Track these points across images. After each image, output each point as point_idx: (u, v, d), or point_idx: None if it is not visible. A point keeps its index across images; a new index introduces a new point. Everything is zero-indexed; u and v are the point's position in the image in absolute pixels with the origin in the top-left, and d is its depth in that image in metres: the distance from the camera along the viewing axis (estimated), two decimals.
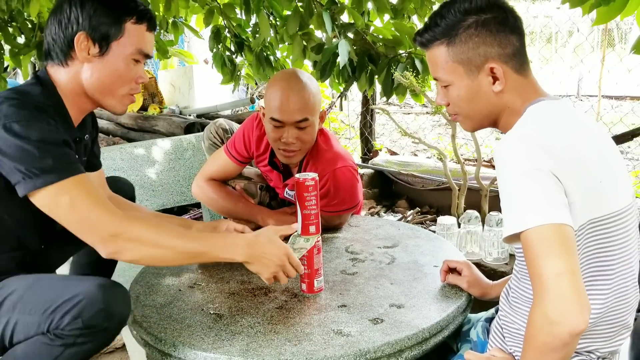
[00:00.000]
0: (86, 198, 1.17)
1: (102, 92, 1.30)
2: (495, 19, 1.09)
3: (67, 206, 1.16)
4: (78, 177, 1.18)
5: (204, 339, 1.18)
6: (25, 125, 1.13)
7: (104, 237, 1.18)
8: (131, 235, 1.18)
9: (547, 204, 0.95)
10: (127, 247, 1.19)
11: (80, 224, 1.18)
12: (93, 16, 1.24)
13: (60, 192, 1.15)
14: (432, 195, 3.49)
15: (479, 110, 1.15)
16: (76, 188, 1.17)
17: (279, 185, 1.88)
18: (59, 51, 1.27)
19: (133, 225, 1.19)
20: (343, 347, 1.13)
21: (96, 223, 1.17)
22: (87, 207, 1.17)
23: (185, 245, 1.22)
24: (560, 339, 0.90)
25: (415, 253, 1.62)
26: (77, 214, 1.17)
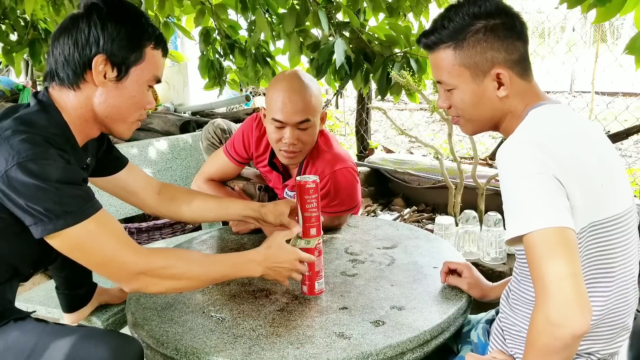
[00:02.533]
0: (109, 238, 1.14)
1: (114, 118, 1.24)
2: (504, 25, 1.09)
3: (89, 248, 1.13)
4: (97, 216, 1.13)
5: (206, 342, 1.19)
6: (41, 164, 1.07)
7: (130, 277, 1.17)
8: (155, 272, 1.18)
9: (549, 208, 0.95)
10: (152, 283, 1.19)
11: (104, 266, 1.16)
12: (115, 39, 1.17)
13: (81, 235, 1.11)
14: (428, 194, 3.50)
15: (481, 114, 1.15)
16: (97, 228, 1.13)
17: (278, 186, 1.88)
18: (70, 73, 1.18)
19: (157, 261, 1.18)
20: (345, 350, 1.14)
21: (121, 264, 1.15)
22: (111, 248, 1.14)
23: (208, 272, 1.25)
24: (562, 341, 0.91)
25: (414, 254, 1.63)
26: (101, 256, 1.14)
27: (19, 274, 1.29)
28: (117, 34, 1.17)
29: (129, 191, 1.51)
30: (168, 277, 1.20)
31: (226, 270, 1.27)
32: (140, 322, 1.29)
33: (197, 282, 1.25)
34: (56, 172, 1.08)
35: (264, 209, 1.52)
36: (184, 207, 1.56)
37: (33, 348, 1.17)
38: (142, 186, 1.52)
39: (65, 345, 1.17)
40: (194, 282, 1.25)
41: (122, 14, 1.18)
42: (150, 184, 1.55)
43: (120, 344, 1.19)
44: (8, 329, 1.21)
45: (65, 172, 1.10)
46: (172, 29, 3.13)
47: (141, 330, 1.27)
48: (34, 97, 1.21)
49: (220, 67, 3.15)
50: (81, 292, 1.64)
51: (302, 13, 2.45)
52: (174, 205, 1.55)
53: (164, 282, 1.20)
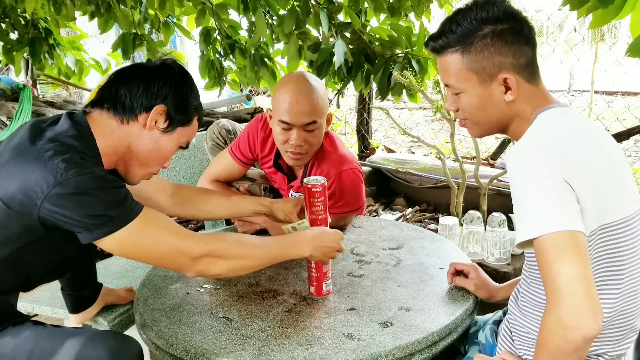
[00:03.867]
0: (164, 230, 1.22)
1: (141, 162, 1.33)
2: (511, 30, 1.09)
3: (147, 244, 1.19)
4: (144, 213, 1.20)
5: (215, 344, 1.19)
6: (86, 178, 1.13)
7: (192, 261, 1.23)
8: (216, 253, 1.24)
9: (560, 211, 0.96)
10: (213, 263, 1.24)
11: (165, 257, 1.22)
12: (179, 100, 1.30)
13: (136, 232, 1.18)
14: (429, 193, 3.51)
15: (489, 118, 1.16)
16: (149, 224, 1.20)
17: (283, 187, 1.89)
18: (128, 108, 1.28)
19: (216, 243, 1.25)
20: (354, 352, 1.14)
21: (181, 251, 1.21)
22: (169, 239, 1.21)
23: (263, 253, 1.31)
24: (574, 344, 0.92)
25: (420, 255, 1.63)
26: (161, 249, 1.20)
27: (27, 284, 1.33)
28: (181, 97, 1.31)
29: (141, 197, 1.55)
30: (228, 257, 1.26)
31: (280, 251, 1.33)
32: (148, 323, 1.29)
33: (254, 261, 1.30)
34: (98, 181, 1.15)
35: (275, 205, 1.57)
36: (197, 208, 1.63)
37: (30, 352, 1.20)
38: (154, 190, 1.57)
39: (62, 348, 1.20)
40: (251, 261, 1.30)
41: (190, 84, 1.35)
42: (163, 187, 1.60)
43: (118, 345, 1.21)
44: (6, 333, 1.24)
45: (106, 180, 1.17)
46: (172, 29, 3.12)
47: (150, 331, 1.27)
48: (69, 117, 1.26)
49: (221, 67, 3.15)
50: (86, 293, 1.64)
51: (303, 14, 2.45)
52: (187, 207, 1.62)
53: (224, 262, 1.26)
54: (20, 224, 1.16)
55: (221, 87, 3.22)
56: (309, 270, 1.39)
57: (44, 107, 3.79)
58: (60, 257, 1.30)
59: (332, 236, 1.37)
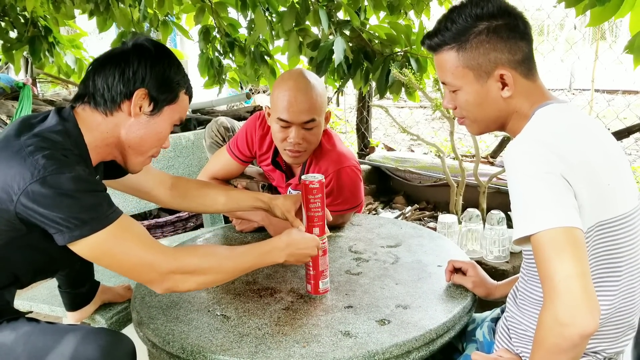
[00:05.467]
0: (135, 242, 1.17)
1: (136, 149, 1.30)
2: (506, 26, 1.09)
3: (117, 253, 1.15)
4: (120, 221, 1.16)
5: (212, 341, 1.19)
6: (62, 177, 1.10)
7: (161, 277, 1.19)
8: (185, 269, 1.20)
9: (558, 207, 0.96)
10: (182, 280, 1.21)
11: (133, 269, 1.18)
12: (159, 79, 1.26)
13: (108, 240, 1.14)
14: (429, 191, 3.51)
15: (487, 115, 1.15)
16: (122, 233, 1.16)
17: (281, 185, 1.88)
18: (108, 99, 1.24)
19: (185, 259, 1.21)
20: (352, 349, 1.14)
21: (150, 266, 1.17)
22: (139, 251, 1.17)
23: (235, 265, 1.28)
24: (571, 341, 0.92)
25: (418, 252, 1.63)
26: (130, 260, 1.17)
27: (18, 281, 1.32)
28: (161, 75, 1.26)
29: (140, 190, 1.56)
30: (198, 272, 1.22)
31: (253, 260, 1.30)
32: (145, 321, 1.29)
33: (226, 275, 1.28)
34: (77, 182, 1.11)
35: (274, 202, 1.55)
36: (195, 201, 1.62)
37: (23, 348, 1.19)
38: (153, 184, 1.56)
39: (54, 345, 1.19)
40: (223, 275, 1.27)
41: (167, 59, 1.29)
42: (162, 180, 1.59)
43: (110, 342, 1.20)
44: (3, 328, 1.23)
45: (86, 182, 1.14)
46: (170, 28, 3.12)
47: (147, 329, 1.27)
48: (58, 114, 1.23)
49: (220, 66, 3.15)
50: (83, 291, 1.64)
51: (302, 11, 2.44)
52: (186, 200, 1.61)
53: (194, 278, 1.22)
54: (1, 219, 1.14)
55: (220, 86, 3.21)
56: (306, 268, 1.39)
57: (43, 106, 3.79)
58: (46, 257, 1.27)
59: (309, 242, 1.35)
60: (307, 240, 1.35)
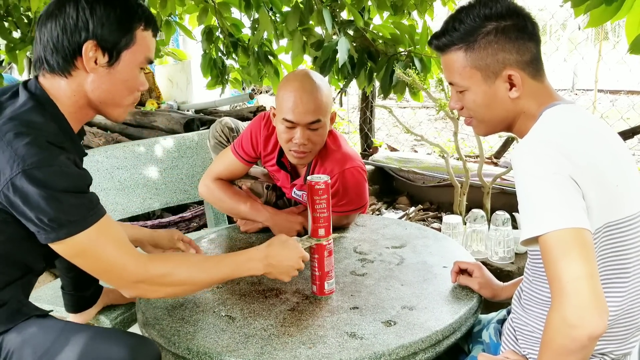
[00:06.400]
0: (110, 246, 1.14)
1: (109, 103, 1.22)
2: (515, 26, 1.09)
3: (91, 256, 1.13)
4: (100, 224, 1.12)
5: (218, 342, 1.19)
6: (47, 172, 1.05)
7: (129, 284, 1.18)
8: (155, 279, 1.18)
9: (566, 208, 0.95)
10: (151, 290, 1.20)
11: (104, 272, 1.17)
12: (105, 24, 1.14)
13: (83, 242, 1.11)
14: (432, 192, 3.50)
15: (494, 115, 1.15)
16: (99, 236, 1.12)
17: (286, 185, 1.88)
18: (60, 60, 1.14)
19: (156, 268, 1.18)
20: (358, 350, 1.14)
21: (121, 272, 1.15)
22: (112, 256, 1.14)
23: (208, 276, 1.25)
24: (579, 342, 0.91)
25: (423, 253, 1.63)
26: (102, 264, 1.14)
27: (31, 270, 1.28)
28: (106, 18, 1.14)
29: None
30: (167, 284, 1.20)
31: (227, 271, 1.26)
32: (151, 322, 1.29)
33: (197, 286, 1.26)
34: (62, 180, 1.07)
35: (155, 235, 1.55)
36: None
37: (52, 343, 1.16)
38: None
39: (84, 343, 1.16)
40: (194, 287, 1.26)
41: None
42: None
43: (138, 344, 1.18)
44: (28, 324, 1.21)
45: (71, 180, 1.09)
46: (173, 28, 3.12)
47: (152, 330, 1.27)
48: (25, 88, 1.15)
49: (223, 66, 3.14)
50: (87, 294, 1.63)
51: (306, 11, 2.44)
52: None
53: (163, 288, 1.21)
54: None
55: (223, 86, 3.21)
56: (311, 269, 1.39)
57: None
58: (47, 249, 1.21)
59: (290, 254, 1.30)
60: (289, 252, 1.30)
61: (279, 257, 1.29)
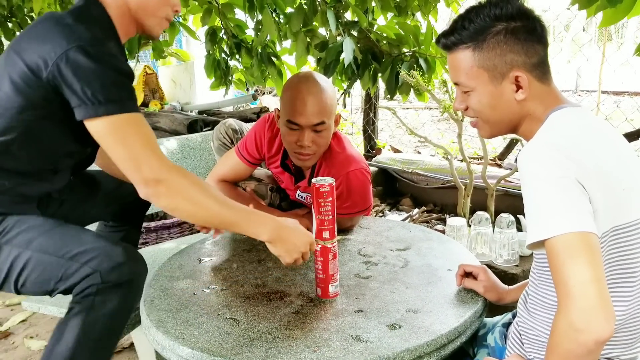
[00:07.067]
0: (141, 137, 1.20)
1: (145, 11, 1.32)
2: (524, 28, 1.09)
3: (120, 139, 1.18)
4: (137, 115, 1.20)
5: (222, 345, 1.18)
6: (100, 50, 1.14)
7: (147, 179, 1.20)
8: (173, 185, 1.21)
9: (572, 212, 0.95)
10: (166, 195, 1.21)
11: (128, 160, 1.20)
12: None
13: (118, 124, 1.17)
14: (436, 194, 3.49)
15: (499, 117, 1.14)
16: (134, 125, 1.19)
17: (290, 187, 1.88)
18: None
19: (178, 177, 1.21)
20: (362, 354, 1.13)
21: (143, 163, 1.19)
22: (140, 146, 1.19)
23: (220, 211, 1.26)
24: (585, 347, 0.90)
25: (428, 256, 1.62)
26: (128, 150, 1.19)
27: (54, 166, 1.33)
28: None
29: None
30: (183, 196, 1.22)
31: (237, 218, 1.28)
32: (154, 324, 1.28)
33: (207, 213, 1.26)
34: (112, 59, 1.15)
35: None
36: None
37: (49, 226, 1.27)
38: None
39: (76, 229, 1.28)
40: (204, 211, 1.26)
41: None
42: None
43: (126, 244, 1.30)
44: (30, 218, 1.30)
45: (119, 62, 1.17)
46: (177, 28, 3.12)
47: (156, 332, 1.26)
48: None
49: (227, 67, 3.15)
50: None
51: (310, 12, 2.44)
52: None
53: (177, 199, 1.22)
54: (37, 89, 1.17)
55: (227, 87, 3.21)
56: (315, 271, 1.38)
57: None
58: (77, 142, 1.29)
59: (304, 236, 1.33)
60: (300, 234, 1.33)
61: (290, 234, 1.31)
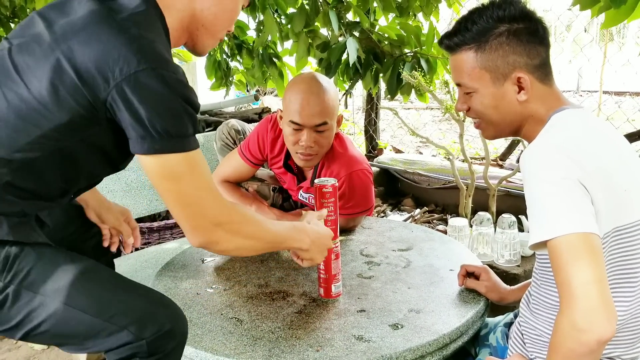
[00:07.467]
0: (204, 177, 1.05)
1: (209, 29, 1.16)
2: (527, 30, 1.10)
3: (184, 181, 1.02)
4: (199, 152, 1.04)
5: (226, 344, 1.19)
6: (174, 77, 0.97)
7: (208, 225, 1.07)
8: (232, 226, 1.10)
9: (575, 213, 0.95)
10: (225, 238, 1.10)
11: (189, 205, 1.05)
12: None
13: (182, 164, 1.01)
14: (437, 194, 3.50)
15: (501, 118, 1.15)
16: (199, 163, 1.04)
17: (292, 188, 1.88)
18: None
19: (236, 216, 1.11)
20: (365, 354, 1.14)
21: (206, 208, 1.06)
22: (203, 188, 1.05)
23: (273, 237, 1.19)
24: (587, 347, 0.91)
25: (430, 256, 1.63)
26: (191, 193, 1.04)
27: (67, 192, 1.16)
28: None
29: None
30: (242, 234, 1.12)
31: (284, 237, 1.22)
32: None
33: (262, 244, 1.18)
34: (185, 89, 1.00)
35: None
36: None
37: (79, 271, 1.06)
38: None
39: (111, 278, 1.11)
40: (259, 243, 1.17)
41: None
42: None
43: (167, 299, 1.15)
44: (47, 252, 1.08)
45: (189, 90, 1.01)
46: None
47: None
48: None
49: (227, 68, 3.16)
50: None
51: (311, 13, 2.45)
52: None
53: (235, 238, 1.11)
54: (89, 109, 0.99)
55: (227, 88, 3.22)
56: (318, 271, 1.39)
57: None
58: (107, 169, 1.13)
59: (325, 232, 1.31)
60: (324, 230, 1.31)
61: (320, 237, 1.28)
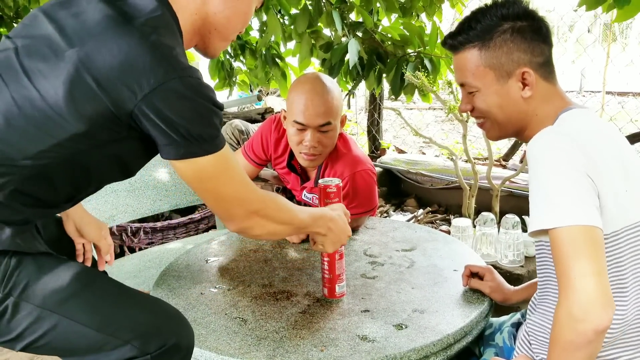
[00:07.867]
0: (237, 173, 1.09)
1: (221, 32, 1.15)
2: (530, 27, 1.11)
3: (221, 179, 1.06)
4: (228, 148, 1.07)
5: (230, 344, 1.19)
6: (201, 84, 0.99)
7: (246, 214, 1.12)
8: (266, 212, 1.15)
9: (579, 205, 0.95)
10: (260, 224, 1.15)
11: (225, 200, 1.10)
12: None
13: (216, 164, 1.04)
14: (440, 194, 3.50)
15: (506, 116, 1.15)
16: (229, 161, 1.08)
17: (296, 188, 1.89)
18: None
19: (269, 202, 1.17)
20: (369, 353, 1.14)
21: (242, 200, 1.11)
22: (238, 184, 1.10)
23: (300, 221, 1.23)
24: (585, 337, 0.91)
25: (434, 257, 1.63)
26: (227, 189, 1.08)
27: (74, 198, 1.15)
28: None
29: None
30: (275, 220, 1.17)
31: (309, 221, 1.25)
32: None
33: (291, 228, 1.23)
34: (209, 91, 1.01)
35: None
36: None
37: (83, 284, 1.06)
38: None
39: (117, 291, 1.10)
40: (289, 228, 1.22)
41: None
42: None
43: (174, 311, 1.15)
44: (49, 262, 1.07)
45: (214, 93, 1.03)
46: None
47: None
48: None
49: (231, 68, 3.16)
50: None
51: (315, 13, 2.45)
52: None
53: (269, 224, 1.17)
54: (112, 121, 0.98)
55: (231, 88, 3.23)
56: (322, 271, 1.39)
57: None
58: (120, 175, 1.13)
59: (345, 224, 1.33)
60: (344, 222, 1.32)
61: (338, 224, 1.30)
